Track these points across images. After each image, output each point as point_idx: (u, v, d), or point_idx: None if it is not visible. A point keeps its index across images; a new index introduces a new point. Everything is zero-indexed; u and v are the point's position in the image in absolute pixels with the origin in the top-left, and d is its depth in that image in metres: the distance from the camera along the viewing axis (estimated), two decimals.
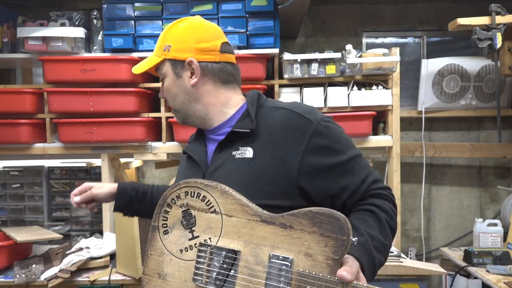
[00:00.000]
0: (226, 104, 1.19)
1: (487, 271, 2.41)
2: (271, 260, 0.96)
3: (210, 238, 1.03)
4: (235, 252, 1.00)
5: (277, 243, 0.97)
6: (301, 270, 0.93)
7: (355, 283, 0.90)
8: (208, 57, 1.17)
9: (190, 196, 1.06)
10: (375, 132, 2.61)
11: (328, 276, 0.91)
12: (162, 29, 2.49)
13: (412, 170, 3.19)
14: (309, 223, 0.95)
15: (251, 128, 1.10)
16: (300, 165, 1.06)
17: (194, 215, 1.06)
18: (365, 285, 0.90)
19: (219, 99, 1.19)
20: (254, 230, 0.99)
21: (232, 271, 0.99)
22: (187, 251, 1.05)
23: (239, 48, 2.47)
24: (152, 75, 1.32)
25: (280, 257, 0.96)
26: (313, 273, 0.92)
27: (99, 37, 2.54)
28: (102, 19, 2.55)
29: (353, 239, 0.93)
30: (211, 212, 1.04)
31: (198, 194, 1.06)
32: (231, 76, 1.20)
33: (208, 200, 1.05)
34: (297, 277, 0.93)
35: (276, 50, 2.45)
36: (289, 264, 0.94)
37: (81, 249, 2.36)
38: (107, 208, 2.53)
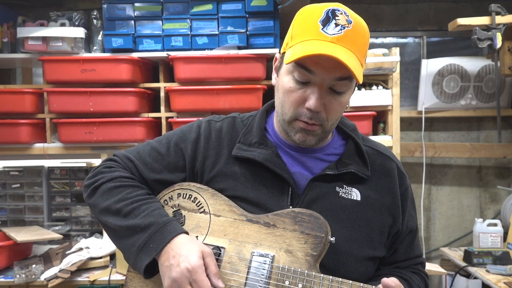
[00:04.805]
0: None
1: (487, 271, 2.41)
2: (253, 256, 1.01)
3: (197, 237, 1.06)
4: (219, 248, 1.03)
5: (260, 240, 1.01)
6: (281, 265, 0.98)
7: (350, 282, 0.93)
8: None
9: (182, 198, 1.10)
10: (375, 132, 2.61)
11: (306, 271, 0.96)
12: (163, 29, 2.51)
13: (412, 170, 3.19)
14: (291, 222, 1.00)
15: (368, 176, 1.07)
16: (403, 221, 1.11)
17: (184, 215, 1.09)
18: (361, 285, 0.93)
19: None
20: (239, 229, 1.04)
21: None
22: None
23: (239, 48, 2.47)
24: (151, 75, 1.28)
25: (262, 253, 1.00)
26: (292, 268, 0.97)
27: (99, 37, 2.54)
28: (102, 19, 2.55)
29: (331, 239, 0.98)
30: (200, 212, 1.08)
31: (190, 196, 1.09)
32: None
33: (199, 201, 1.08)
34: (277, 271, 0.98)
35: (276, 50, 2.45)
36: (271, 260, 0.99)
37: (81, 249, 2.36)
38: None
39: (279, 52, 1.08)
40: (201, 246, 0.97)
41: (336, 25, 0.94)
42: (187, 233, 1.02)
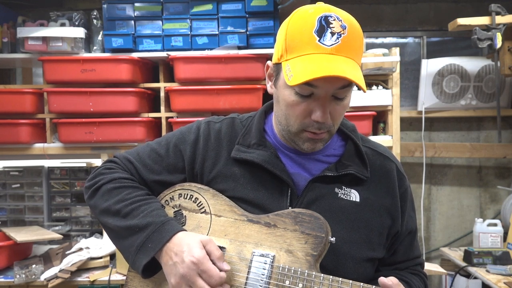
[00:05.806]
0: None
1: (487, 271, 2.41)
2: (254, 256, 1.01)
3: None
4: (220, 248, 1.02)
5: (261, 240, 1.02)
6: (281, 265, 0.99)
7: (350, 282, 0.93)
8: None
9: (183, 198, 1.10)
10: (375, 132, 2.61)
11: (306, 271, 0.97)
12: (163, 29, 2.51)
13: (412, 170, 3.19)
14: (292, 222, 1.00)
15: (367, 177, 1.07)
16: (402, 222, 1.10)
17: (185, 215, 1.09)
18: (361, 285, 0.93)
19: None
20: (240, 229, 1.04)
21: None
22: None
23: (239, 48, 2.47)
24: (151, 75, 1.28)
25: (263, 253, 1.00)
26: (293, 268, 0.97)
27: (99, 37, 2.54)
28: (102, 19, 2.55)
29: (331, 239, 0.98)
30: (201, 213, 1.08)
31: (191, 196, 1.10)
32: None
33: (200, 202, 1.08)
34: (277, 271, 0.98)
35: None
36: (271, 260, 0.99)
37: (81, 249, 2.36)
38: None
39: (271, 60, 1.06)
40: (199, 236, 0.97)
41: (332, 34, 0.92)
42: (185, 231, 1.02)
